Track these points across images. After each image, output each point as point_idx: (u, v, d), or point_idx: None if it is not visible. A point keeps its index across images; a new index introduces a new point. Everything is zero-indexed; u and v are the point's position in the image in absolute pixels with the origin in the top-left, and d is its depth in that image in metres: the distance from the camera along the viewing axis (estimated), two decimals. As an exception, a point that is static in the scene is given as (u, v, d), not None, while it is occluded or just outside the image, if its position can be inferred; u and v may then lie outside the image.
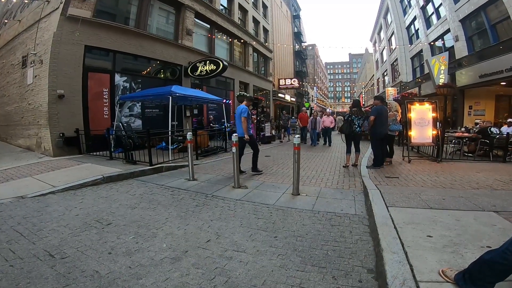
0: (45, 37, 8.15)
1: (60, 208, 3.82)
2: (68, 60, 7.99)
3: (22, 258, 2.42)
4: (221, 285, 2.05)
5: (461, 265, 1.94)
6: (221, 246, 2.69)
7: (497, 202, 3.57)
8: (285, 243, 2.73)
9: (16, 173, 5.74)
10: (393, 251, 2.26)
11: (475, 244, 2.35)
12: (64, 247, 2.64)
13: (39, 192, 4.47)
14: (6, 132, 11.26)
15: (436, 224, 2.82)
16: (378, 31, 32.00)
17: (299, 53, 40.02)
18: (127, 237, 2.89)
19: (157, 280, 2.11)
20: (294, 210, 3.71)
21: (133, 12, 10.58)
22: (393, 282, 1.85)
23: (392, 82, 26.21)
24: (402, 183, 4.85)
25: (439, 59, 13.75)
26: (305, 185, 5.03)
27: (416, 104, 7.47)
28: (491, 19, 11.52)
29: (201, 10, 13.59)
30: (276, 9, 28.72)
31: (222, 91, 15.97)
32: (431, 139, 7.25)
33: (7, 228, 3.10)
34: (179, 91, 7.89)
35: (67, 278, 2.12)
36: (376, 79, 36.40)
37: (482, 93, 13.13)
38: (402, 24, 22.36)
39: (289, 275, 2.18)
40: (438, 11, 15.99)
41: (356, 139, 6.69)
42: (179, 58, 12.18)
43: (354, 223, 3.25)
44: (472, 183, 4.71)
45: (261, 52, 22.87)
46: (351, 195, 4.41)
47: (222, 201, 4.15)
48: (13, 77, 10.26)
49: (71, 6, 7.95)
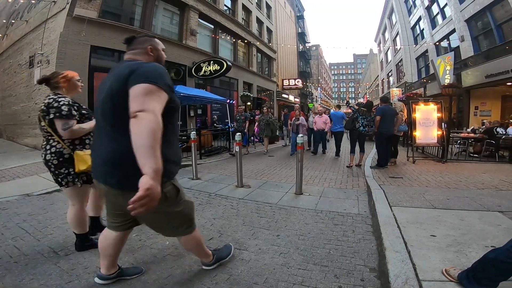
0: (52, 37, 8.26)
1: (65, 206, 3.82)
2: (74, 60, 8.08)
3: (26, 255, 2.45)
4: (223, 282, 2.05)
5: (465, 264, 1.92)
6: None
7: (503, 202, 3.53)
8: (288, 242, 2.73)
9: (23, 171, 5.82)
10: (396, 250, 2.25)
11: (480, 244, 2.32)
12: (69, 244, 2.66)
13: (45, 190, 4.53)
14: (13, 131, 11.41)
15: (440, 224, 2.80)
16: (383, 31, 31.83)
17: (303, 53, 39.95)
18: (131, 234, 2.90)
19: (160, 277, 2.12)
20: (297, 209, 3.70)
21: (138, 12, 10.68)
22: (396, 280, 1.84)
23: (397, 83, 26.04)
24: (406, 183, 4.82)
25: (445, 59, 13.64)
26: (308, 184, 5.02)
27: (421, 104, 7.41)
28: (497, 19, 11.41)
29: (205, 10, 13.66)
30: (280, 9, 28.72)
31: (226, 91, 16.01)
32: (436, 140, 7.19)
33: (12, 225, 3.14)
34: (183, 91, 7.95)
35: (70, 275, 2.14)
36: (380, 79, 36.21)
37: (488, 94, 12.99)
38: (407, 24, 22.22)
39: (291, 273, 2.18)
40: (443, 11, 15.86)
41: (361, 139, 6.66)
42: (183, 58, 12.25)
43: (357, 222, 3.24)
44: (477, 183, 4.67)
45: (264, 53, 22.89)
46: (354, 194, 4.40)
47: (225, 200, 4.15)
48: (20, 76, 10.41)
49: (77, 6, 8.06)
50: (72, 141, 2.33)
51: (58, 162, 2.31)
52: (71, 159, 2.32)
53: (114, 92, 1.43)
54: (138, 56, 1.65)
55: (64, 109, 2.21)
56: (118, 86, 1.41)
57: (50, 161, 2.33)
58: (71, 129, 2.22)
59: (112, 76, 1.52)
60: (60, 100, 2.25)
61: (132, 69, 1.41)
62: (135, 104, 1.30)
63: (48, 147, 2.33)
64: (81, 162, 2.28)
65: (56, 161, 2.31)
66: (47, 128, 2.30)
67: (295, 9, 36.73)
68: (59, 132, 2.24)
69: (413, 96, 15.75)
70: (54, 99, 2.27)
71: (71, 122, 2.23)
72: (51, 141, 2.33)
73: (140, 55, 1.66)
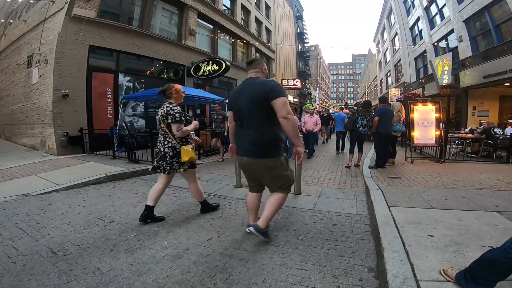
0: (50, 37, 8.24)
1: (63, 206, 3.85)
2: (73, 60, 8.07)
3: (24, 255, 2.44)
4: (222, 282, 2.06)
5: (462, 264, 1.93)
6: (222, 244, 2.70)
7: (500, 202, 3.55)
8: (286, 242, 2.73)
9: (21, 172, 5.80)
10: (394, 250, 2.25)
11: (477, 244, 2.34)
12: (67, 244, 2.66)
13: (43, 190, 4.52)
14: (11, 131, 11.37)
15: (438, 224, 2.80)
16: (382, 31, 31.90)
17: (302, 53, 39.99)
18: (129, 234, 2.91)
19: (158, 277, 2.13)
20: (295, 209, 3.71)
21: (137, 12, 10.65)
22: (394, 280, 1.85)
23: (396, 83, 26.10)
24: (404, 183, 4.83)
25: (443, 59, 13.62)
26: (307, 184, 5.03)
27: (419, 104, 7.43)
28: (495, 19, 11.45)
29: (204, 10, 13.64)
30: (279, 9, 28.74)
31: (225, 91, 15.98)
32: (434, 140, 7.21)
33: (10, 226, 3.13)
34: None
35: (69, 275, 2.14)
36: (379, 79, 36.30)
37: (486, 94, 13.05)
38: (405, 25, 22.29)
39: (289, 273, 2.18)
40: (441, 12, 15.91)
41: (361, 139, 6.67)
42: (182, 58, 12.24)
43: (355, 222, 3.25)
44: (475, 183, 4.68)
45: (263, 53, 22.89)
46: (353, 195, 4.41)
47: (224, 200, 4.16)
48: (18, 76, 10.37)
49: (75, 6, 8.03)
50: (181, 138, 3.16)
51: (173, 154, 3.13)
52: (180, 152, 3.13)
53: (257, 99, 2.37)
54: (258, 74, 2.59)
55: (177, 116, 3.04)
56: (261, 96, 2.35)
57: (168, 153, 3.13)
58: (181, 130, 3.06)
59: (251, 89, 2.44)
60: (174, 109, 3.07)
61: (268, 87, 2.35)
62: (283, 111, 2.30)
63: (166, 142, 3.15)
64: (185, 154, 3.10)
65: (172, 153, 3.13)
66: (165, 129, 3.12)
67: (294, 9, 36.77)
68: (174, 133, 3.08)
69: (411, 96, 15.80)
70: (170, 108, 3.07)
71: (182, 126, 3.07)
72: (168, 138, 3.14)
73: (259, 73, 2.60)
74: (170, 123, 3.05)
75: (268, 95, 2.31)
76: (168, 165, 3.13)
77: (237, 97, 2.55)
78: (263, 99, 2.33)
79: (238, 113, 2.53)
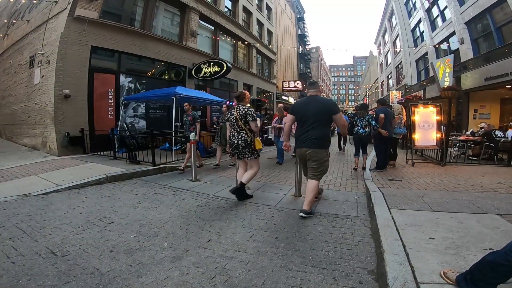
0: (53, 38, 8.27)
1: (64, 207, 3.85)
2: (75, 61, 8.09)
3: (24, 255, 2.44)
4: (221, 284, 2.05)
5: (463, 267, 1.92)
6: (222, 246, 2.69)
7: (501, 205, 3.53)
8: (286, 244, 2.72)
9: (21, 172, 5.81)
10: (394, 252, 2.24)
11: (478, 246, 2.32)
12: (66, 245, 2.66)
13: (43, 191, 4.52)
14: (12, 131, 11.41)
15: (438, 226, 2.79)
16: (383, 33, 31.92)
17: (303, 55, 40.03)
18: (129, 235, 2.91)
19: (158, 278, 2.12)
20: (296, 211, 3.69)
21: (139, 13, 10.69)
22: (394, 283, 1.84)
23: (397, 85, 26.09)
24: (405, 185, 4.82)
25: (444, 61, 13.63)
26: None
27: (420, 107, 7.41)
28: (497, 22, 11.44)
29: (205, 12, 13.69)
30: (280, 11, 28.80)
31: (226, 93, 16.01)
32: (435, 142, 7.19)
33: (10, 226, 3.13)
34: (183, 92, 7.93)
35: (68, 276, 2.13)
36: (380, 82, 36.27)
37: (487, 96, 13.02)
38: (407, 27, 22.29)
39: (289, 275, 2.17)
40: (443, 14, 15.92)
41: (363, 141, 6.66)
42: (183, 59, 12.27)
43: (355, 225, 3.24)
44: (476, 186, 4.67)
45: (265, 54, 22.93)
46: (353, 197, 4.39)
47: (224, 202, 4.15)
48: (20, 77, 10.41)
49: (78, 7, 8.07)
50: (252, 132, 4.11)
51: (245, 145, 4.06)
52: (251, 143, 4.08)
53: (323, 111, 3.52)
54: (317, 92, 3.71)
55: (255, 115, 4.06)
56: (326, 109, 3.53)
57: (240, 144, 4.07)
58: (257, 126, 4.09)
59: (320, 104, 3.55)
60: (251, 110, 4.09)
61: (332, 104, 3.64)
62: (342, 121, 3.69)
63: (239, 136, 4.09)
64: (258, 143, 4.09)
65: (244, 144, 4.06)
66: (242, 125, 4.06)
67: (295, 11, 36.83)
68: (252, 128, 4.07)
69: (412, 98, 15.78)
70: (248, 109, 4.07)
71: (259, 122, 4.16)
72: (242, 132, 4.09)
73: (317, 92, 3.72)
74: (250, 121, 4.02)
75: (332, 110, 3.51)
76: (241, 154, 4.10)
77: (305, 106, 3.60)
78: (328, 112, 3.51)
79: (303, 117, 3.56)
